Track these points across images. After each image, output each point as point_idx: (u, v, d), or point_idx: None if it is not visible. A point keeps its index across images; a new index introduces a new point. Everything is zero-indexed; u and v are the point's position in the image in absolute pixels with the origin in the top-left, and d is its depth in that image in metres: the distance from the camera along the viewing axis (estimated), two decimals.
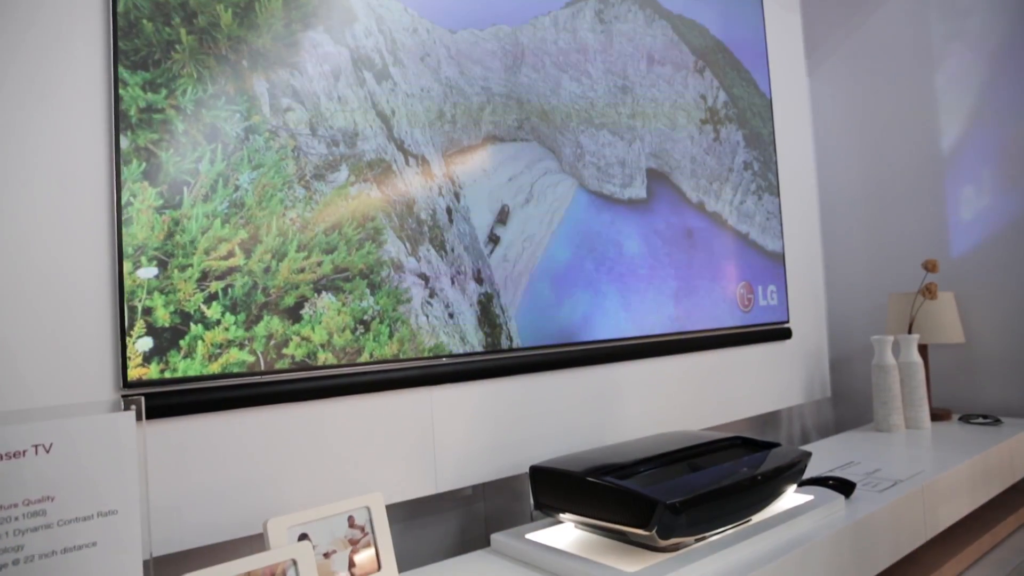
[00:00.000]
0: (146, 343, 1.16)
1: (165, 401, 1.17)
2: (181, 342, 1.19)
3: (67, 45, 1.15)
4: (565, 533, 1.42)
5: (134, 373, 1.15)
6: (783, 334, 2.46)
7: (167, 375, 1.18)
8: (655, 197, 2.07)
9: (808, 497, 1.55)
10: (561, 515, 1.40)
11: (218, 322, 1.23)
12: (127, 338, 1.14)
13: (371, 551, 1.24)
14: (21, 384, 1.07)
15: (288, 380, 1.31)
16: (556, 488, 1.40)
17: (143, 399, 1.10)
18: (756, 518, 1.40)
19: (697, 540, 1.29)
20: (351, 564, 1.22)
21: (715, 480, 1.31)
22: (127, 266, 1.15)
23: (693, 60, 2.24)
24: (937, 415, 2.43)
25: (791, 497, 1.54)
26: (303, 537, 1.18)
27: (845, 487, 1.62)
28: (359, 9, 1.48)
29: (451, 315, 1.56)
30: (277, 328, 1.30)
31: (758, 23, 2.54)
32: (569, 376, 1.79)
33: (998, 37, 2.52)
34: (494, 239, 1.67)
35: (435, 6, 1.61)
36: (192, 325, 1.21)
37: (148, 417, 1.13)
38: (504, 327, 1.66)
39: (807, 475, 1.65)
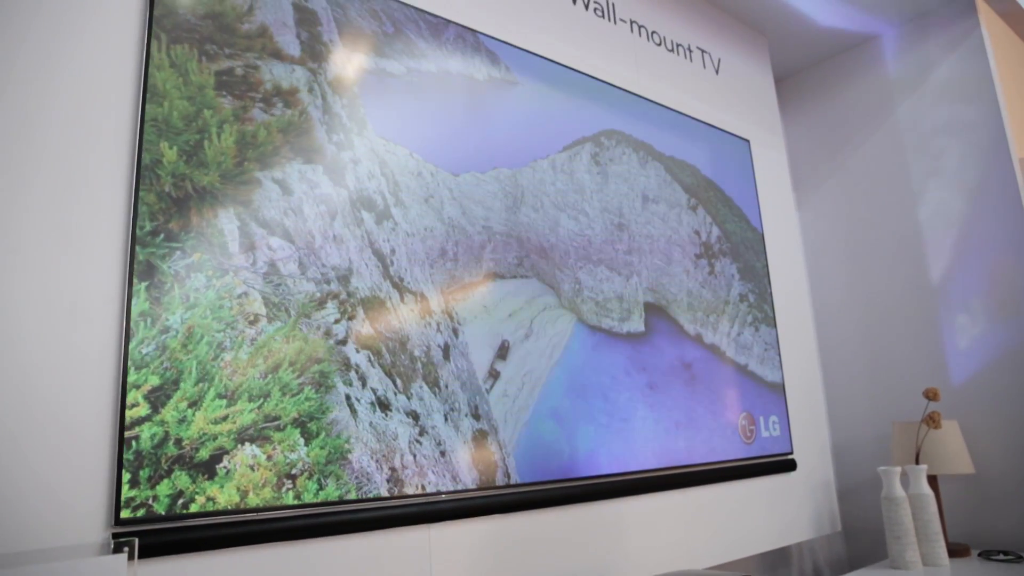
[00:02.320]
0: None
1: (158, 539, 1.10)
2: None
3: (92, 188, 1.17)
4: None
5: None
6: (787, 466, 2.37)
7: None
8: (653, 330, 2.05)
9: None
10: None
11: None
12: (122, 474, 1.09)
13: None
14: (9, 518, 1.02)
15: (287, 517, 1.24)
16: None
17: (136, 541, 1.05)
18: None
19: None
20: None
21: None
22: None
23: (686, 198, 2.30)
24: (955, 551, 2.29)
25: None
26: None
27: None
28: (362, 153, 1.50)
29: (443, 453, 1.49)
30: (186, 485, 1.14)
31: (746, 162, 2.61)
32: (571, 512, 1.70)
33: (974, 175, 2.59)
34: (494, 374, 1.64)
35: (439, 151, 1.65)
36: None
37: (141, 556, 1.07)
38: (502, 463, 1.58)
39: None
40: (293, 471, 1.27)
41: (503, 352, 1.66)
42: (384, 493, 1.37)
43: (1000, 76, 2.61)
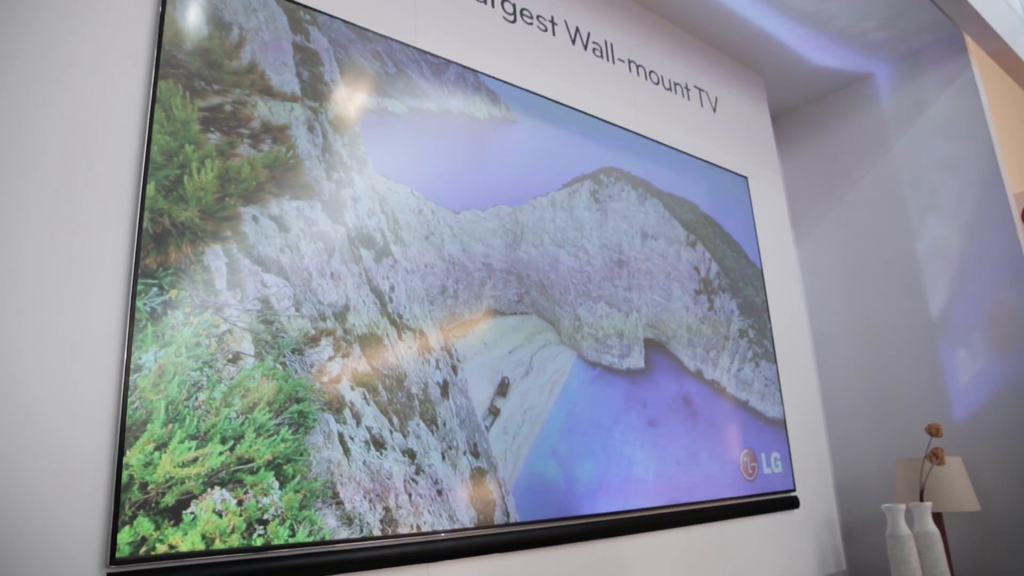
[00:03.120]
0: None
1: None
2: None
3: (93, 225, 1.17)
4: None
5: None
6: (790, 503, 2.32)
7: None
8: (653, 367, 2.03)
9: None
10: None
11: None
12: (118, 514, 1.06)
13: None
14: (5, 557, 0.99)
15: (287, 556, 1.20)
16: None
17: None
18: None
19: None
20: None
21: None
22: None
23: (685, 234, 2.29)
24: None
25: None
26: None
27: None
28: (362, 190, 1.49)
29: (439, 492, 1.45)
30: (149, 532, 1.08)
31: (744, 198, 2.60)
32: (571, 551, 1.65)
33: (970, 210, 2.58)
34: (494, 411, 1.61)
35: (440, 189, 1.65)
36: None
37: None
38: (501, 502, 1.55)
39: None
40: (265, 516, 1.20)
41: (503, 389, 1.63)
42: (377, 533, 1.33)
43: (992, 113, 2.63)
